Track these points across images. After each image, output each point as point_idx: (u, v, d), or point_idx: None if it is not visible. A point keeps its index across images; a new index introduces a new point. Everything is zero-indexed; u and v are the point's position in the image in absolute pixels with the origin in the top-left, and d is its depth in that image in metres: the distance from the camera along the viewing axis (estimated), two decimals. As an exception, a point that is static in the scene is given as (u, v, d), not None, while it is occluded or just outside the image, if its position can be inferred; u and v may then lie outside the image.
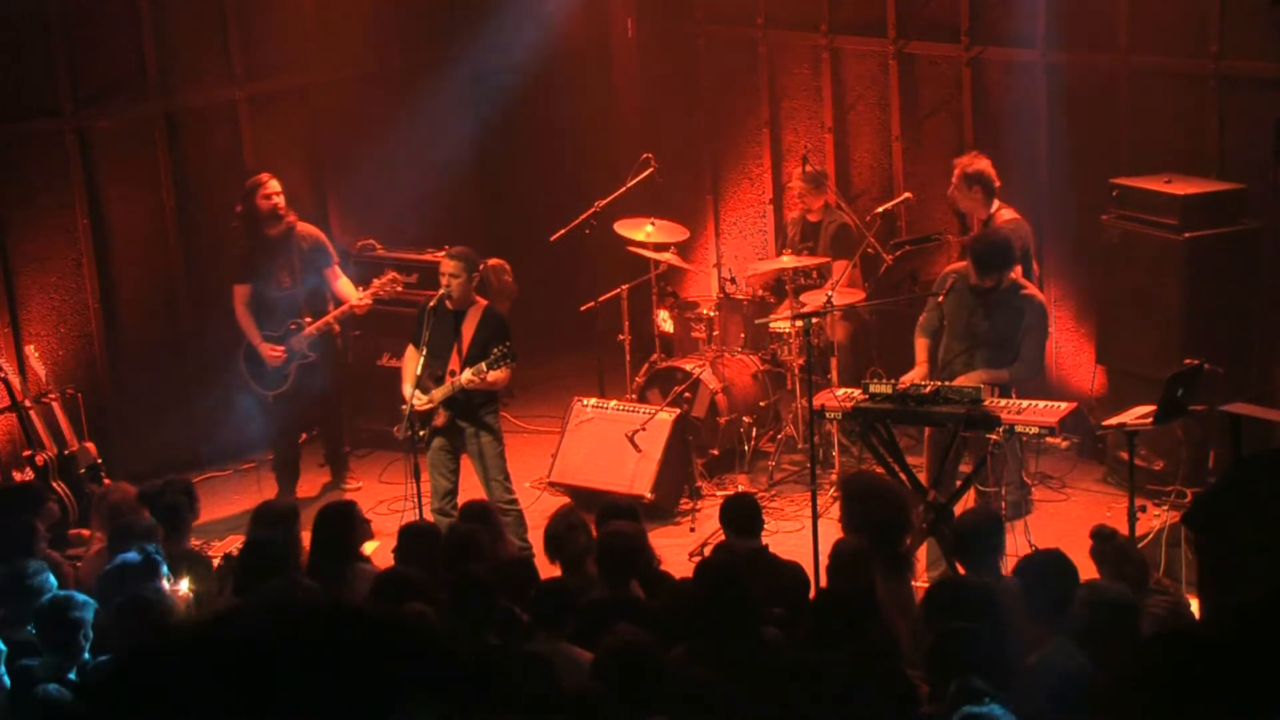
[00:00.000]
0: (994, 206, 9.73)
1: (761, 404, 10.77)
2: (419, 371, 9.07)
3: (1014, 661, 6.15)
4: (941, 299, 9.09)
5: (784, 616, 6.66)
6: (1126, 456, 8.57)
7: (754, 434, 10.71)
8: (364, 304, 10.13)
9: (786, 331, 10.53)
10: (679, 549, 9.31)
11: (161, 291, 11.01)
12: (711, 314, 10.84)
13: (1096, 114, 10.44)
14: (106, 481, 9.45)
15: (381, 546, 8.66)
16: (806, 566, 7.64)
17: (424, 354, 9.12)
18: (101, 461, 9.80)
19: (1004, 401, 8.56)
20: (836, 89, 11.81)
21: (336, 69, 11.60)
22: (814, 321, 9.15)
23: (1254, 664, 1.95)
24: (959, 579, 7.22)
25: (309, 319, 10.22)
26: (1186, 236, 9.36)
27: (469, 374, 8.98)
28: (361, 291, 10.18)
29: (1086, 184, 10.28)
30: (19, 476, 9.67)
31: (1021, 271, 9.34)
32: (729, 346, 10.82)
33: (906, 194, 10.44)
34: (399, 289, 9.56)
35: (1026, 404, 8.52)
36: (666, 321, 11.16)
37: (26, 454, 9.63)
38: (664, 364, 10.84)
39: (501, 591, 6.50)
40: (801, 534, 9.15)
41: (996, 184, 9.76)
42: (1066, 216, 10.57)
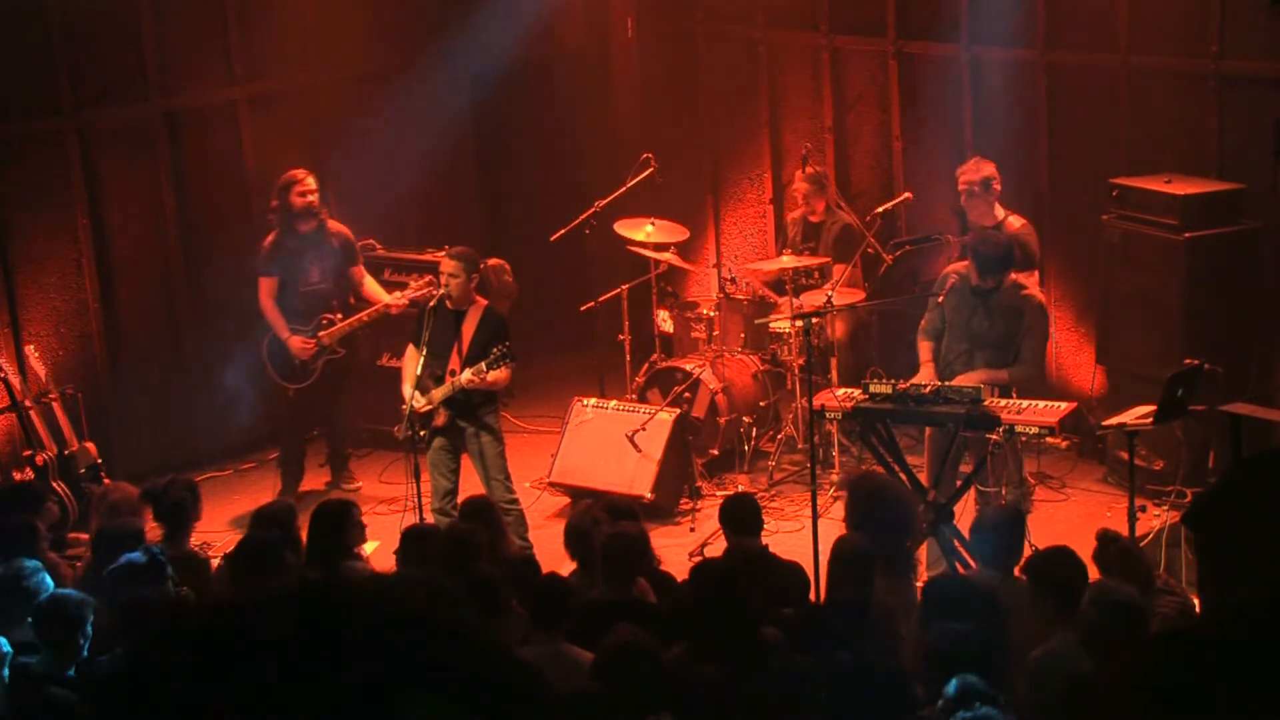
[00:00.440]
0: (1002, 214, 9.73)
1: (761, 404, 10.77)
2: (419, 372, 9.07)
3: (1015, 659, 6.16)
4: (941, 299, 9.10)
5: (789, 617, 6.67)
6: (1126, 456, 8.57)
7: (754, 434, 10.71)
8: (400, 304, 10.12)
9: (786, 331, 10.53)
10: (679, 549, 9.30)
11: (161, 291, 11.01)
12: (711, 314, 10.84)
13: (1096, 114, 10.44)
14: (106, 481, 9.44)
15: (381, 547, 8.64)
16: (806, 566, 7.65)
17: (424, 354, 9.12)
18: (101, 461, 9.80)
19: (1004, 401, 8.56)
20: (836, 89, 11.81)
21: (336, 69, 11.60)
22: (814, 321, 9.16)
23: (1254, 664, 1.95)
24: (957, 578, 7.23)
25: (339, 316, 10.26)
26: (1186, 236, 9.36)
27: (468, 374, 8.98)
28: (399, 294, 10.18)
29: (1086, 184, 10.28)
30: (18, 476, 9.67)
31: (1038, 276, 9.36)
32: (729, 346, 10.82)
33: (906, 194, 10.44)
34: (434, 291, 9.51)
35: (1026, 404, 8.52)
36: (666, 322, 11.17)
37: (27, 454, 9.63)
38: (664, 364, 10.83)
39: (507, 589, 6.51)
40: (801, 534, 9.15)
41: (999, 188, 9.77)
42: (1066, 217, 10.57)
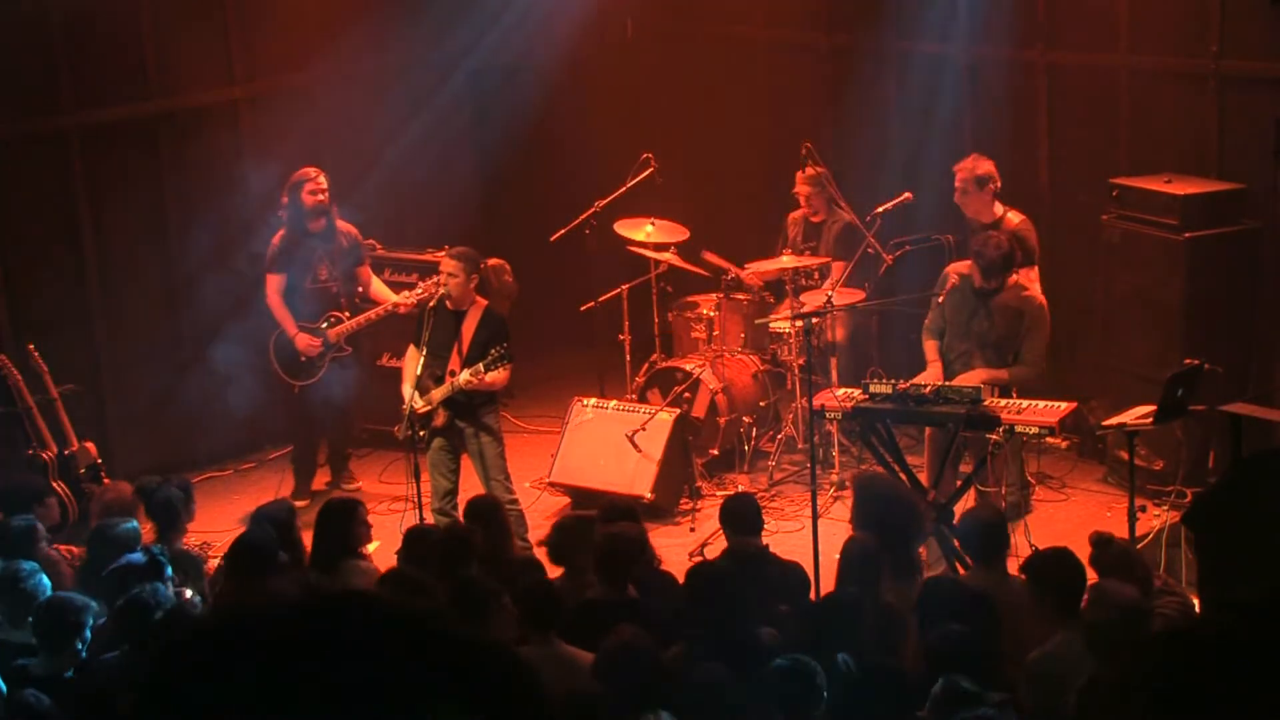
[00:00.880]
0: (1001, 211, 9.72)
1: (761, 404, 10.76)
2: (419, 372, 9.07)
3: (1014, 660, 6.16)
4: (942, 299, 9.09)
5: (787, 614, 6.67)
6: (1126, 456, 8.57)
7: (754, 434, 10.71)
8: (407, 305, 10.09)
9: (786, 331, 10.53)
10: (679, 549, 9.30)
11: (162, 291, 11.01)
12: (711, 314, 10.83)
13: (1096, 114, 10.44)
14: (106, 481, 9.44)
15: (382, 547, 8.64)
16: (806, 566, 7.66)
17: (424, 354, 9.12)
18: (101, 461, 9.80)
19: (1004, 401, 8.56)
20: (837, 88, 11.80)
21: (336, 69, 11.60)
22: (814, 321, 9.15)
23: (1254, 664, 1.95)
24: (955, 579, 7.23)
25: (346, 314, 10.27)
26: (1186, 236, 9.36)
27: (467, 375, 8.98)
28: (407, 294, 10.17)
29: (1086, 184, 10.28)
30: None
31: (1038, 272, 9.37)
32: (729, 346, 10.81)
33: (906, 194, 10.44)
34: (442, 292, 9.47)
35: (1026, 404, 8.52)
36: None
37: (29, 453, 9.62)
38: (664, 364, 10.83)
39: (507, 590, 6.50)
40: (801, 534, 9.15)
41: (999, 185, 9.76)
42: (1066, 217, 10.57)
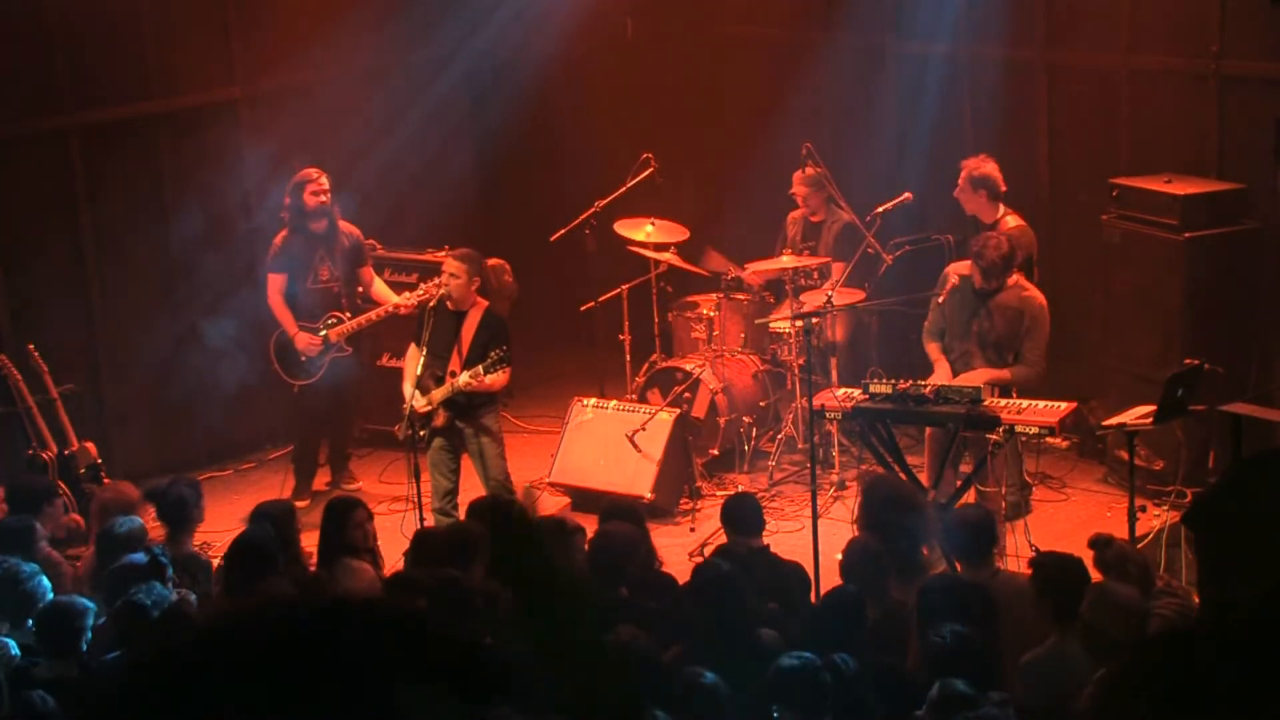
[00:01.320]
0: (1000, 212, 9.72)
1: (761, 404, 10.76)
2: (419, 371, 9.08)
3: (1011, 659, 6.17)
4: (942, 299, 9.09)
5: (787, 614, 6.67)
6: (1126, 456, 8.57)
7: (754, 434, 10.71)
8: (409, 306, 10.06)
9: (786, 331, 10.53)
10: (679, 549, 9.30)
11: (162, 291, 11.01)
12: (711, 314, 10.83)
13: (1096, 114, 10.44)
14: (106, 481, 9.44)
15: (384, 547, 8.62)
16: (807, 566, 7.66)
17: (424, 354, 9.13)
18: (101, 461, 9.79)
19: (1004, 401, 8.56)
20: (837, 88, 11.80)
21: (336, 68, 11.59)
22: (814, 321, 9.15)
23: (1254, 664, 1.95)
24: (955, 579, 7.22)
25: (347, 314, 10.28)
26: (1186, 236, 9.36)
27: (466, 377, 8.99)
28: (408, 295, 10.16)
29: (1086, 184, 10.28)
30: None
31: (1022, 276, 9.35)
32: (729, 346, 10.81)
33: (906, 194, 10.43)
34: (442, 292, 9.45)
35: (1026, 404, 8.52)
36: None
37: (29, 453, 9.62)
38: (664, 364, 10.83)
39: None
40: (801, 534, 9.15)
41: (1003, 189, 9.74)
42: (1066, 216, 10.57)
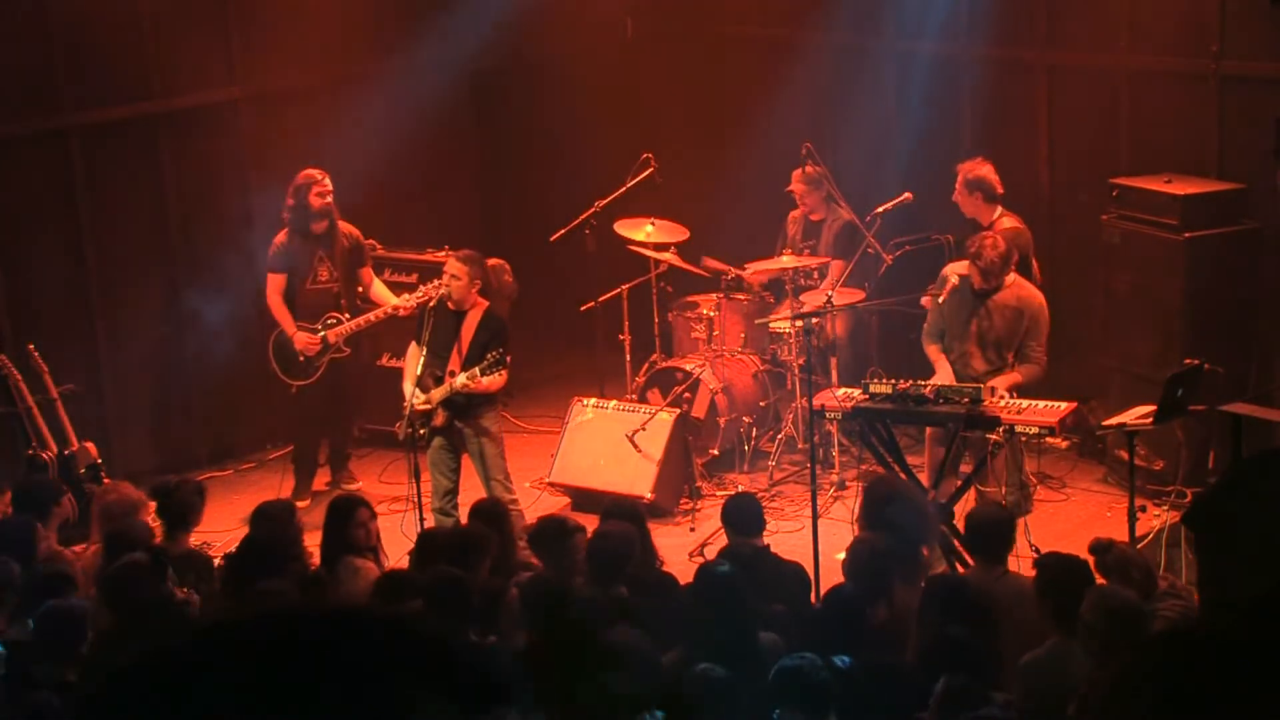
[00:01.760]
0: (996, 213, 9.71)
1: (761, 404, 10.76)
2: (419, 371, 9.08)
3: (1013, 660, 6.16)
4: (943, 299, 9.09)
5: (785, 614, 6.67)
6: (1126, 456, 8.57)
7: (754, 434, 10.70)
8: (408, 308, 10.05)
9: (786, 331, 10.53)
10: (679, 549, 9.30)
11: (162, 291, 11.01)
12: (711, 314, 10.83)
13: (1096, 114, 10.44)
14: (106, 481, 9.44)
15: (387, 547, 8.63)
16: (807, 566, 7.66)
17: (424, 353, 9.13)
18: (101, 461, 9.80)
19: (1004, 401, 8.55)
20: (836, 88, 11.80)
21: (336, 69, 11.59)
22: (814, 321, 9.15)
23: (1255, 664, 1.95)
24: (956, 579, 7.22)
25: (346, 315, 10.28)
26: (1186, 236, 9.36)
27: (464, 378, 8.99)
28: (407, 296, 10.15)
29: (1086, 184, 10.28)
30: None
31: (1016, 274, 9.37)
32: (729, 346, 10.81)
33: (906, 194, 10.43)
34: (443, 292, 9.44)
35: (1026, 404, 8.52)
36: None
37: (29, 453, 9.62)
38: (664, 364, 10.83)
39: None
40: (802, 534, 9.15)
41: (999, 190, 9.74)
42: (1066, 216, 10.57)
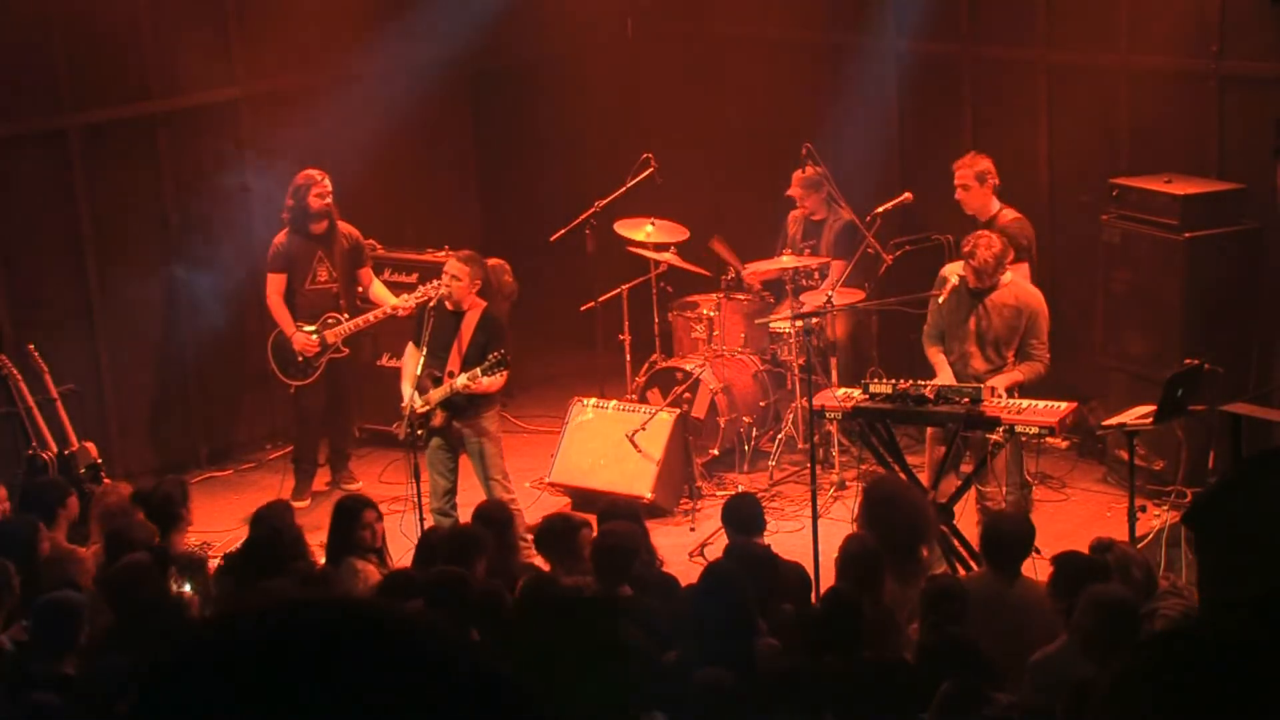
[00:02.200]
0: (997, 207, 9.71)
1: (761, 404, 10.76)
2: (419, 371, 9.08)
3: (1019, 661, 6.17)
4: (943, 299, 9.08)
5: (790, 615, 6.67)
6: (1126, 456, 8.57)
7: (754, 434, 10.70)
8: (407, 308, 10.04)
9: (786, 331, 10.52)
10: (679, 549, 9.30)
11: (162, 291, 11.01)
12: (711, 314, 10.83)
13: (1096, 114, 10.44)
14: (106, 481, 9.44)
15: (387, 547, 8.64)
16: (807, 566, 7.65)
17: (423, 354, 9.12)
18: (101, 461, 9.80)
19: (1004, 401, 8.54)
20: (836, 88, 11.80)
21: (336, 69, 11.59)
22: (814, 321, 9.14)
23: (1254, 664, 1.95)
24: (956, 579, 7.22)
25: (345, 315, 10.28)
26: (1186, 236, 9.36)
27: (464, 379, 8.98)
28: (406, 297, 10.14)
29: (1086, 184, 10.27)
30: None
31: (1030, 269, 9.37)
32: (729, 346, 10.81)
33: (906, 194, 10.43)
34: (442, 293, 9.44)
35: (1026, 404, 8.51)
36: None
37: (29, 453, 9.62)
38: (664, 364, 10.83)
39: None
40: (802, 534, 9.14)
41: (998, 182, 9.75)
42: (1066, 216, 10.56)
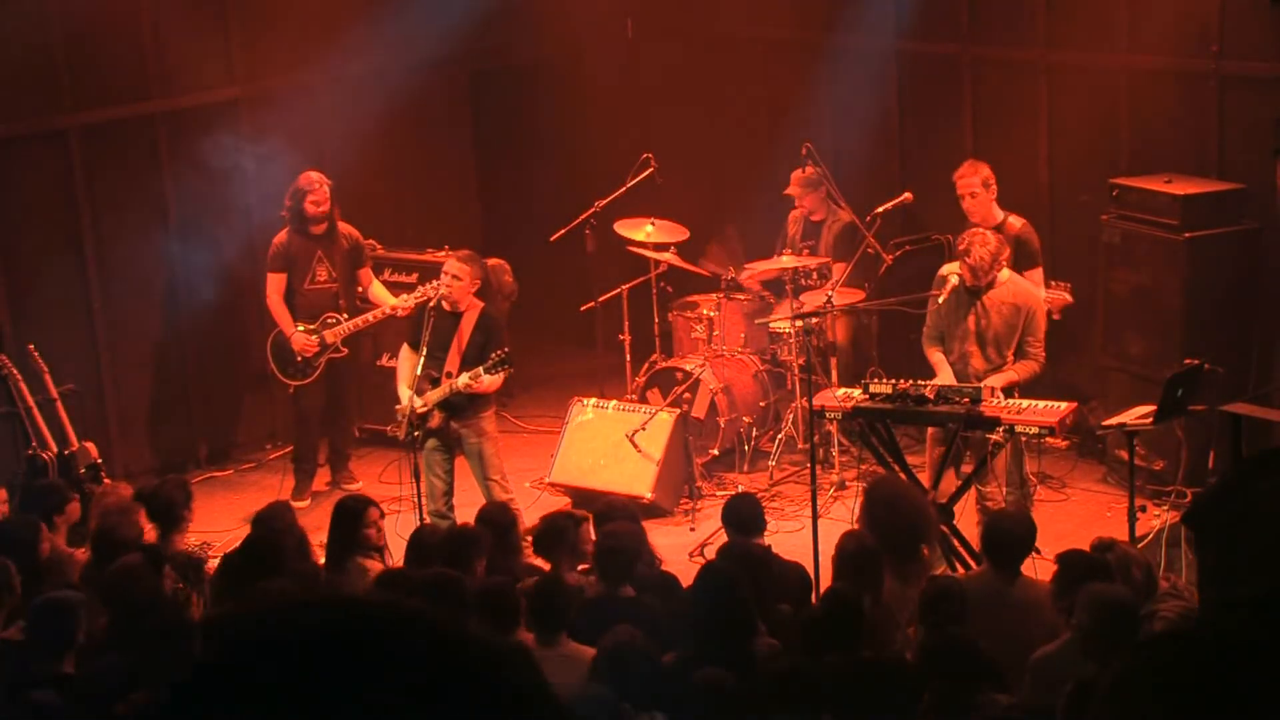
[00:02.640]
0: (1001, 215, 9.69)
1: (761, 404, 10.76)
2: (418, 372, 9.07)
3: (1019, 661, 6.17)
4: (943, 299, 9.07)
5: (789, 615, 6.67)
6: (1126, 456, 8.57)
7: (754, 434, 10.70)
8: (406, 309, 10.03)
9: (786, 331, 10.52)
10: (679, 549, 9.30)
11: (161, 291, 11.01)
12: (711, 314, 10.83)
13: (1096, 114, 10.43)
14: (106, 481, 9.45)
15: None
16: (807, 566, 7.65)
17: (423, 355, 9.11)
18: (101, 461, 9.80)
19: (1004, 401, 8.54)
20: (837, 88, 11.80)
21: (336, 69, 11.59)
22: (814, 321, 9.14)
23: (1255, 664, 1.95)
24: (957, 580, 7.22)
25: (345, 316, 10.29)
26: (1186, 236, 9.36)
27: (466, 378, 8.97)
28: (405, 297, 10.13)
29: (1086, 184, 10.27)
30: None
31: (1042, 272, 9.38)
32: (729, 346, 10.81)
33: (906, 194, 10.42)
34: (441, 293, 9.44)
35: (1026, 404, 8.50)
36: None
37: (29, 453, 9.62)
38: (664, 364, 10.84)
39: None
40: (802, 534, 9.14)
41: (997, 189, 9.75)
42: (1066, 217, 10.56)
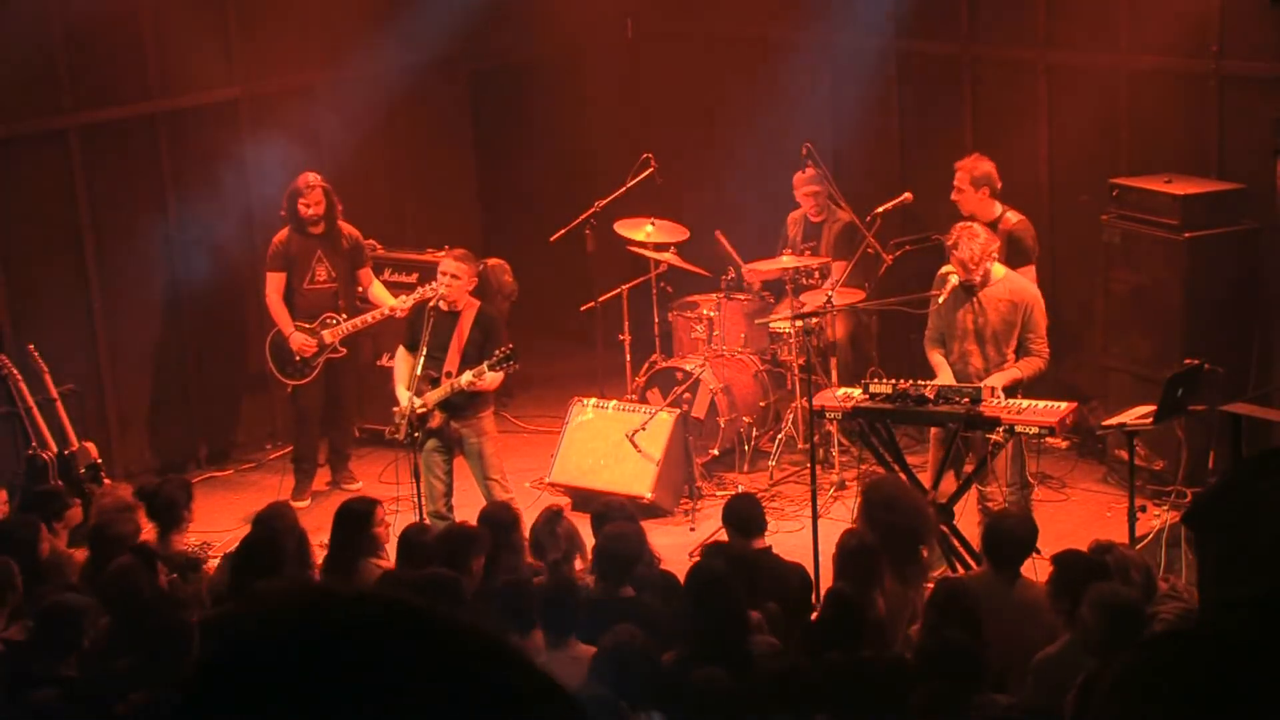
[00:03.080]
0: (999, 210, 9.69)
1: (761, 404, 10.77)
2: (418, 373, 9.06)
3: (1019, 662, 6.17)
4: (943, 299, 9.07)
5: (778, 612, 6.67)
6: (1126, 456, 8.57)
7: (754, 434, 10.71)
8: (405, 309, 10.03)
9: (786, 331, 10.52)
10: (679, 549, 9.29)
11: (161, 291, 11.01)
12: (711, 314, 10.83)
13: (1096, 114, 10.43)
14: (106, 481, 9.45)
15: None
16: (807, 566, 7.66)
17: (422, 355, 9.10)
18: (101, 461, 9.80)
19: (1004, 401, 8.53)
20: (837, 88, 11.80)
21: (337, 69, 11.60)
22: (814, 321, 9.13)
23: (1255, 664, 1.95)
24: (958, 581, 7.22)
25: (344, 315, 10.29)
26: (1186, 236, 9.36)
27: (469, 376, 8.96)
28: (404, 297, 10.13)
29: (1086, 184, 10.27)
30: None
31: (1034, 269, 9.37)
32: (729, 346, 10.82)
33: (906, 194, 10.42)
34: (440, 293, 9.45)
35: (1026, 404, 8.50)
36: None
37: (29, 453, 9.62)
38: (664, 364, 10.83)
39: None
40: (802, 534, 9.14)
41: (999, 185, 9.73)
42: (1066, 216, 10.56)
